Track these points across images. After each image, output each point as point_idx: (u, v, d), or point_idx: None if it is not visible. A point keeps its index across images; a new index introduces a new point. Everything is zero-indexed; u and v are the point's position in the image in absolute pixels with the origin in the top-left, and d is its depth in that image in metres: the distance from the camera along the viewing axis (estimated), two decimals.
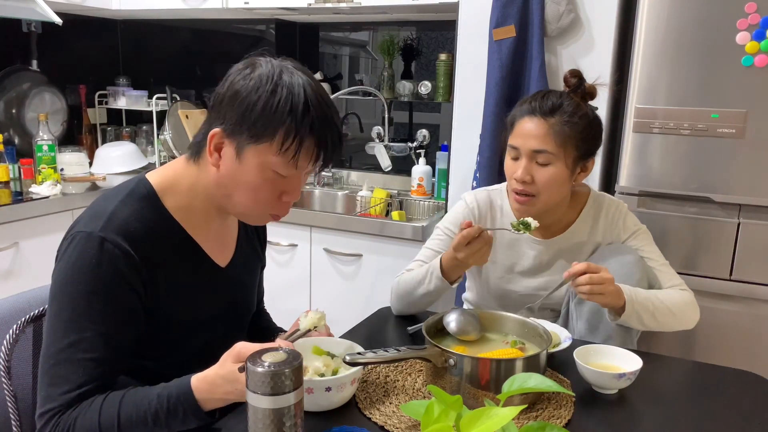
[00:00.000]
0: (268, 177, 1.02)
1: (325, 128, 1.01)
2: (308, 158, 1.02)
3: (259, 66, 1.01)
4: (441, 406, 0.83)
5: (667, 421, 1.09)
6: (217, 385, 0.93)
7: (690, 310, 1.45)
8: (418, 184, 2.74)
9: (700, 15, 1.72)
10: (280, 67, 1.01)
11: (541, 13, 1.94)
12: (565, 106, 1.42)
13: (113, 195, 1.06)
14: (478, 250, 1.34)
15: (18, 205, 2.32)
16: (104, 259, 0.98)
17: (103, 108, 3.26)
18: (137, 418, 0.94)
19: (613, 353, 1.22)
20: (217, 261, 1.15)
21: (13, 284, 2.25)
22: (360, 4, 2.46)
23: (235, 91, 1.00)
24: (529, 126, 1.43)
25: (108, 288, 0.98)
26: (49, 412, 0.96)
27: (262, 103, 0.98)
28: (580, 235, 1.53)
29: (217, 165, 1.04)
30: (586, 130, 1.44)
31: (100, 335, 0.97)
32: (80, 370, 0.96)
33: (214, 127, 1.02)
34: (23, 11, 2.50)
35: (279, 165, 1.01)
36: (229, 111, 1.00)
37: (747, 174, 1.74)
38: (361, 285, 2.36)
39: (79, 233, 1.00)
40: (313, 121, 0.99)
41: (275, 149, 0.99)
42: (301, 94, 0.98)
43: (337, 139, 1.03)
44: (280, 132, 0.98)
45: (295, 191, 1.07)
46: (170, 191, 1.08)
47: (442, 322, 1.23)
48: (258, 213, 1.08)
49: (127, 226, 1.01)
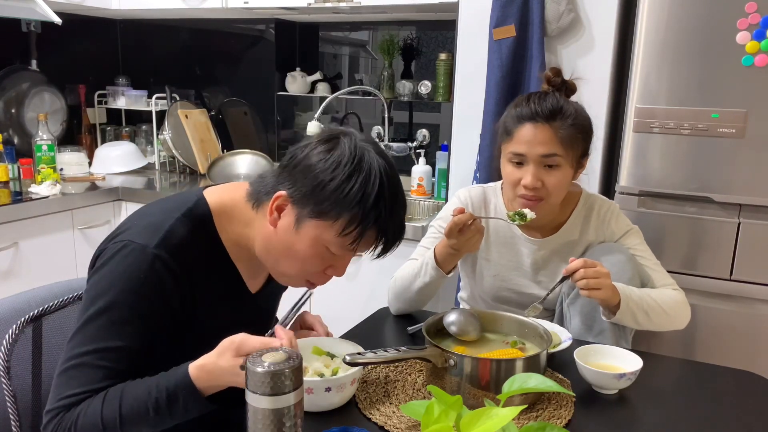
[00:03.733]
0: (320, 252, 1.01)
1: (390, 221, 0.99)
2: (366, 246, 1.02)
3: (340, 146, 0.99)
4: (441, 406, 0.83)
5: (667, 421, 1.09)
6: (217, 376, 0.93)
7: (682, 309, 1.46)
8: (418, 183, 2.73)
9: (700, 15, 1.72)
10: (362, 150, 0.99)
11: (541, 12, 1.94)
12: (565, 108, 1.43)
13: (170, 209, 1.04)
14: (470, 237, 1.35)
15: (17, 205, 2.32)
16: (153, 278, 0.97)
17: (103, 108, 3.26)
18: (138, 410, 0.94)
19: (613, 353, 1.22)
20: (250, 286, 1.14)
21: (13, 284, 2.25)
22: (360, 3, 2.46)
23: (310, 164, 0.98)
24: (533, 132, 1.41)
25: (151, 308, 0.98)
26: (55, 410, 0.95)
27: (335, 184, 0.96)
28: (571, 234, 1.54)
29: (274, 225, 1.02)
30: (586, 129, 1.46)
31: (128, 350, 0.96)
32: (97, 377, 0.95)
33: (282, 189, 1.01)
34: (23, 11, 2.50)
35: (335, 245, 1.00)
36: (300, 179, 0.99)
37: (747, 174, 1.74)
38: (361, 285, 2.36)
39: (131, 243, 0.98)
40: (380, 214, 0.97)
41: (336, 231, 0.98)
42: (376, 185, 0.97)
43: (399, 232, 1.03)
44: (345, 217, 0.97)
45: (343, 269, 1.06)
46: (226, 219, 1.07)
47: (442, 322, 1.23)
48: (297, 279, 1.07)
49: (181, 248, 1.00)
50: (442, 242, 1.40)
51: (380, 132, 2.84)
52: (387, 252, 1.05)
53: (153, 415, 0.94)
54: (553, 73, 1.48)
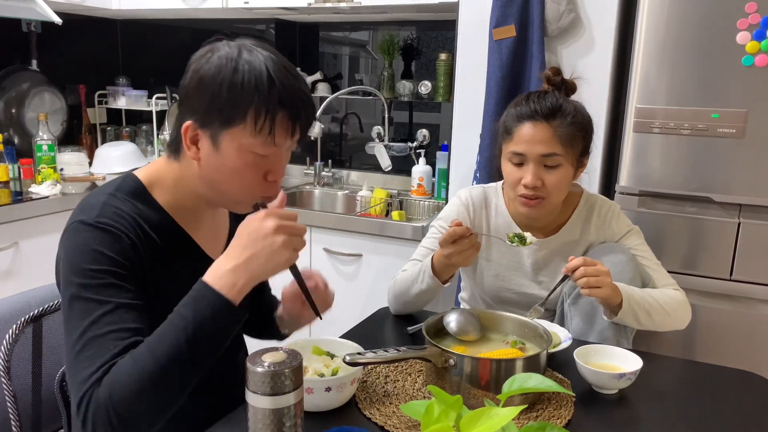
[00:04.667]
0: (249, 160, 1.00)
1: (295, 99, 0.99)
2: (284, 133, 1.00)
3: (217, 49, 1.00)
4: (441, 406, 0.83)
5: (667, 421, 1.09)
6: (237, 258, 0.92)
7: (683, 309, 1.46)
8: (418, 183, 2.74)
9: (700, 15, 1.72)
10: (238, 46, 0.99)
11: (542, 12, 1.94)
12: (564, 106, 1.43)
13: (101, 191, 1.05)
14: (464, 250, 1.33)
15: (18, 205, 2.32)
16: (105, 239, 0.96)
17: (103, 108, 3.26)
18: (170, 348, 0.88)
19: (613, 353, 1.22)
20: (210, 254, 1.14)
21: (13, 284, 2.25)
22: (360, 3, 2.46)
23: (198, 78, 0.99)
24: (532, 131, 1.42)
25: (115, 262, 0.96)
26: (85, 395, 0.88)
27: (226, 86, 0.96)
28: (572, 235, 1.54)
29: (197, 158, 1.02)
30: (585, 128, 1.46)
31: (120, 306, 0.94)
32: (110, 343, 0.90)
33: (186, 121, 1.01)
34: (23, 11, 2.50)
35: (257, 145, 0.99)
36: (196, 101, 0.99)
37: (747, 174, 1.74)
38: (361, 285, 2.36)
39: (72, 224, 0.99)
40: (281, 94, 0.97)
41: (249, 130, 0.97)
42: (263, 69, 0.97)
43: (309, 107, 1.01)
44: (251, 111, 0.96)
45: (279, 169, 1.04)
46: (158, 186, 1.07)
47: (442, 322, 1.23)
48: (247, 199, 1.05)
49: (120, 214, 1.00)
50: (438, 251, 1.39)
51: (380, 132, 2.84)
52: (306, 132, 1.03)
53: (187, 348, 0.88)
54: (553, 72, 1.48)
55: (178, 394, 0.91)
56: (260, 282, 0.95)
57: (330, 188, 2.96)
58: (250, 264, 0.93)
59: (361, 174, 3.00)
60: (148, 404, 0.88)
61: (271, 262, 0.93)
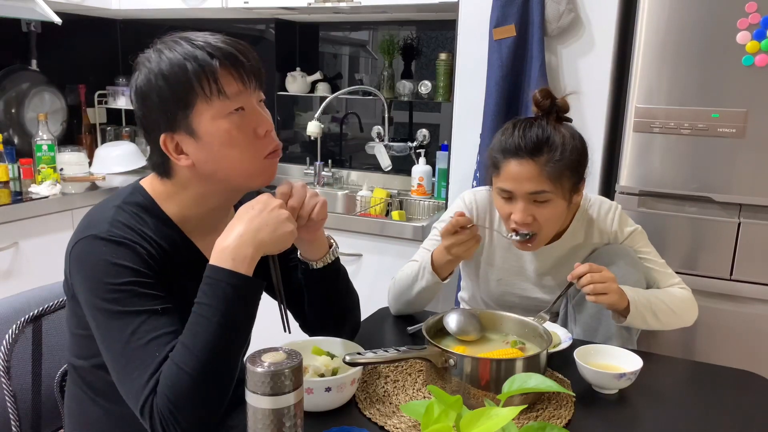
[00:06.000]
0: (227, 125, 1.00)
1: (224, 49, 0.99)
2: (232, 81, 1.00)
3: (137, 65, 1.02)
4: (441, 406, 0.83)
5: (667, 421, 1.09)
6: (241, 233, 0.95)
7: (690, 307, 1.46)
8: (418, 183, 2.74)
9: (700, 15, 1.72)
10: (152, 48, 1.02)
11: (542, 12, 1.94)
12: (551, 139, 1.34)
13: (106, 204, 1.05)
14: (464, 242, 1.33)
15: (17, 205, 2.32)
16: (122, 252, 0.97)
17: (103, 108, 3.26)
18: (206, 341, 0.91)
19: (613, 353, 1.22)
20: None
21: (13, 284, 2.25)
22: (360, 3, 2.46)
23: (141, 97, 1.01)
24: (518, 169, 1.34)
25: (137, 272, 0.97)
26: (146, 406, 0.91)
27: (161, 80, 0.98)
28: (575, 239, 1.52)
29: (190, 163, 1.02)
30: (577, 160, 1.37)
31: (154, 312, 0.96)
32: (153, 349, 0.93)
33: (159, 138, 1.01)
34: (23, 11, 2.50)
35: (221, 109, 0.99)
36: (156, 113, 1.00)
37: (747, 174, 1.74)
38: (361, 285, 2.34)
39: (80, 241, 0.99)
40: (208, 53, 0.98)
41: (212, 105, 0.98)
42: (182, 41, 0.99)
43: (245, 51, 1.02)
44: (195, 86, 0.97)
45: (262, 120, 1.04)
46: (164, 199, 1.08)
47: (442, 322, 1.23)
48: (253, 164, 1.05)
49: (130, 226, 1.00)
50: (439, 245, 1.39)
51: (380, 132, 2.84)
52: (255, 73, 1.03)
53: (221, 333, 0.92)
54: (542, 96, 1.37)
55: (229, 377, 0.95)
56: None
57: (330, 188, 2.96)
58: (258, 234, 0.96)
59: (361, 174, 3.00)
60: (207, 398, 0.92)
61: (278, 231, 0.97)
